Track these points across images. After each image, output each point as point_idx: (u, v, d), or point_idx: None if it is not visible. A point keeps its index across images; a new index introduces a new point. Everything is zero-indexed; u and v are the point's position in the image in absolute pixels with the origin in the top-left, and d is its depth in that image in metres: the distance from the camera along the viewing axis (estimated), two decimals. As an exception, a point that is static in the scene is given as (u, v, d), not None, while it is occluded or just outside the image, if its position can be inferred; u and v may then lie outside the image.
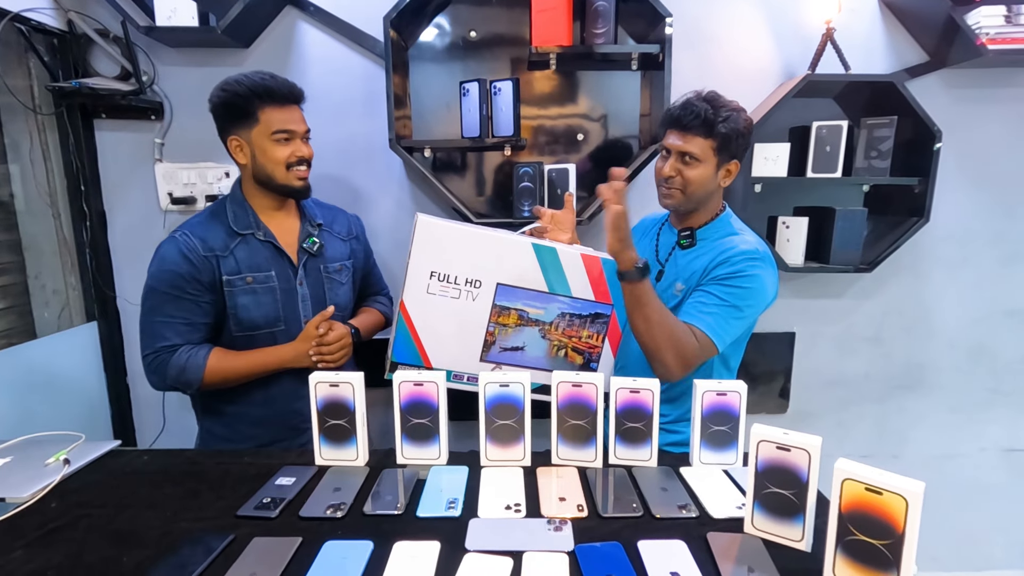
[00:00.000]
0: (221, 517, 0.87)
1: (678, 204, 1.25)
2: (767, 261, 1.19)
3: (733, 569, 0.74)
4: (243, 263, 1.24)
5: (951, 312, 1.94)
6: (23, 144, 1.68)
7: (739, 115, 1.18)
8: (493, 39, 1.76)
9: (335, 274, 1.37)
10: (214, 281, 1.22)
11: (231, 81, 1.21)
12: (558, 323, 1.21)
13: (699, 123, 1.16)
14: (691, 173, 1.19)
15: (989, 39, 1.58)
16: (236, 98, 1.20)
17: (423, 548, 0.78)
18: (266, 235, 1.27)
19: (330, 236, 1.38)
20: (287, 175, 1.24)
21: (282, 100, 1.22)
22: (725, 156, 1.19)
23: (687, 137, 1.18)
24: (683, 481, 0.97)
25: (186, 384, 1.22)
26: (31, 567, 0.76)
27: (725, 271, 1.17)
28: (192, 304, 1.22)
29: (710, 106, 1.16)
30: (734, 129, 1.16)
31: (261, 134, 1.21)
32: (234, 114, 1.21)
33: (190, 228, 1.24)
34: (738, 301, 1.15)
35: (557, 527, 0.83)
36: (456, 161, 1.84)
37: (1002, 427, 2.01)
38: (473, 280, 1.16)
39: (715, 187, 1.23)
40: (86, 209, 1.74)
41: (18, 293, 1.73)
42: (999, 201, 1.86)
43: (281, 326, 1.28)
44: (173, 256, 1.20)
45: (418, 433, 1.02)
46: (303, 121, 1.27)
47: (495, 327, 1.19)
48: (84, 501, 0.92)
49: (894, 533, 0.66)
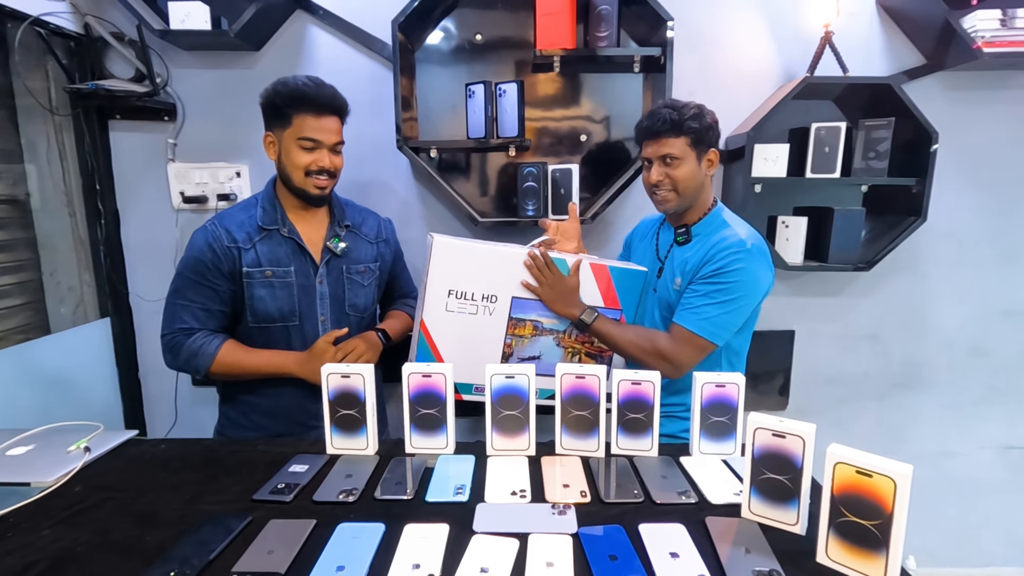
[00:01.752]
0: (238, 500, 0.91)
1: (675, 206, 1.30)
2: (756, 251, 1.23)
3: (730, 551, 0.77)
4: (264, 257, 1.28)
5: (948, 311, 1.97)
6: (40, 144, 1.72)
7: (702, 110, 1.27)
8: (498, 42, 1.80)
9: (357, 276, 1.39)
10: (234, 271, 1.27)
11: (280, 81, 1.26)
12: (571, 330, 1.26)
13: (669, 126, 1.24)
14: (677, 172, 1.26)
15: (985, 42, 1.61)
16: (276, 97, 1.24)
17: (432, 530, 0.81)
18: (290, 232, 1.31)
19: (357, 238, 1.41)
20: (304, 181, 1.27)
21: (318, 109, 1.25)
22: (702, 148, 1.27)
23: (662, 141, 1.26)
24: (683, 469, 1.00)
25: (195, 369, 1.27)
26: (60, 544, 0.80)
27: (709, 269, 1.23)
28: (211, 291, 1.27)
29: (673, 109, 1.25)
30: (702, 122, 1.25)
31: (290, 137, 1.25)
32: (272, 112, 1.26)
33: (220, 219, 1.30)
34: (724, 296, 1.20)
35: (561, 511, 0.86)
36: (461, 162, 1.88)
37: (999, 425, 2.03)
38: (489, 295, 1.20)
39: (703, 179, 1.29)
40: (101, 208, 1.78)
41: (34, 290, 1.77)
42: (995, 201, 1.89)
43: (295, 321, 1.32)
44: (199, 244, 1.26)
45: (426, 423, 1.06)
46: (336, 133, 1.28)
47: (512, 339, 1.23)
48: (106, 485, 0.96)
49: (883, 514, 0.69)
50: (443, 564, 0.74)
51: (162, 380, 1.91)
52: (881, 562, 0.70)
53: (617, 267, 1.25)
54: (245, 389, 1.34)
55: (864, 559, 0.71)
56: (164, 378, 1.90)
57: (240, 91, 1.78)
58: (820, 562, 0.75)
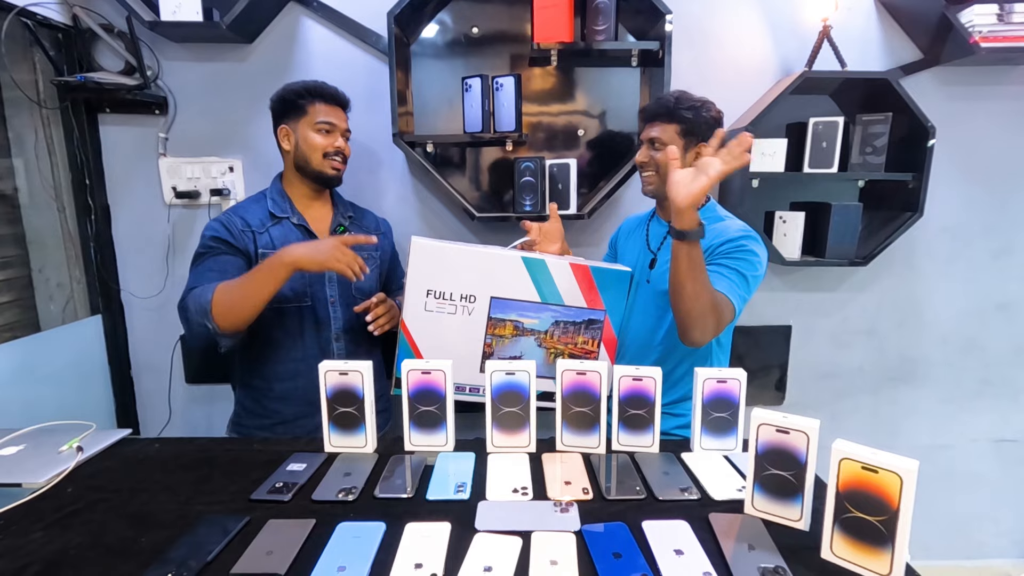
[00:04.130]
0: (235, 501, 0.89)
1: (656, 189, 1.32)
2: (759, 240, 1.27)
3: (734, 547, 0.76)
4: (277, 240, 1.35)
5: (943, 305, 1.98)
6: (28, 138, 1.69)
7: (705, 103, 1.27)
8: (494, 35, 1.78)
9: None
10: (249, 251, 1.33)
11: (289, 83, 1.41)
12: (553, 331, 1.24)
13: (663, 111, 1.27)
14: (661, 157, 1.27)
15: (982, 37, 1.61)
16: (291, 93, 1.37)
17: (434, 528, 0.80)
18: (300, 220, 1.40)
19: (359, 229, 1.50)
20: (323, 162, 1.38)
21: (329, 100, 1.39)
22: (692, 139, 1.27)
23: (654, 125, 1.29)
24: (684, 466, 0.99)
25: (202, 313, 1.20)
26: (52, 547, 0.78)
27: (729, 247, 1.24)
28: (228, 257, 1.31)
29: (675, 98, 1.27)
30: (697, 114, 1.25)
31: (306, 124, 1.37)
32: (287, 107, 1.38)
33: (233, 210, 1.39)
34: (745, 270, 1.21)
35: (564, 508, 0.85)
36: (457, 157, 1.86)
37: (992, 418, 2.05)
38: (468, 295, 1.20)
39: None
40: (91, 203, 1.75)
41: (22, 287, 1.74)
42: (991, 196, 1.90)
43: (307, 302, 1.37)
44: (214, 226, 1.34)
45: (425, 420, 1.04)
46: (345, 121, 1.44)
47: (492, 339, 1.22)
48: (99, 486, 0.94)
49: (889, 509, 0.69)
50: (446, 563, 0.73)
51: (155, 378, 1.89)
52: (887, 558, 0.69)
53: (599, 267, 1.24)
54: (256, 372, 1.39)
55: (869, 555, 0.71)
56: (157, 376, 1.88)
57: (233, 84, 1.75)
58: (825, 558, 0.74)
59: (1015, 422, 2.05)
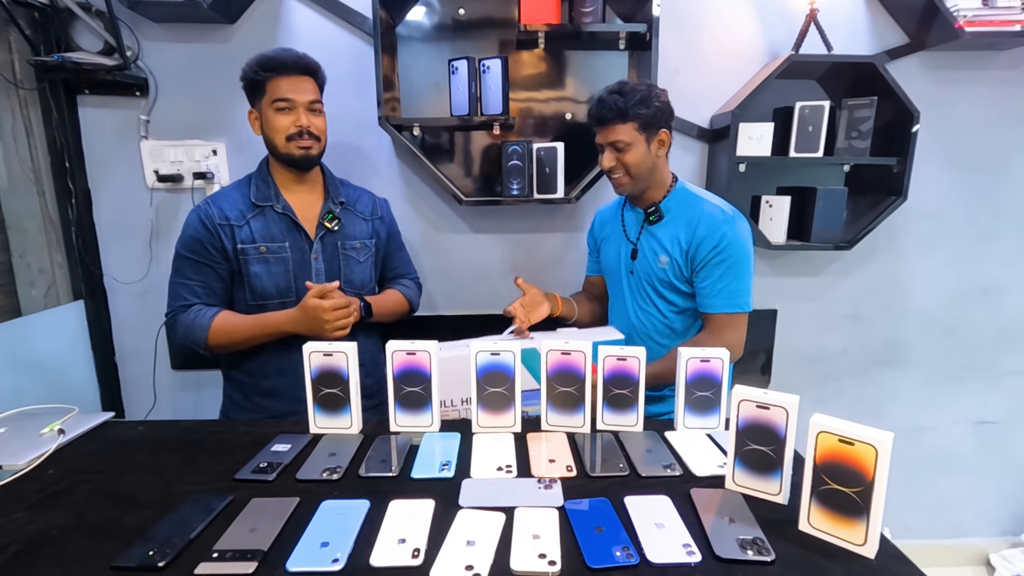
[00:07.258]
0: (219, 481, 0.89)
1: (631, 189, 1.34)
2: (735, 215, 1.29)
3: (714, 520, 0.78)
4: (258, 233, 1.30)
5: (926, 290, 2.00)
6: (5, 120, 1.65)
7: (651, 91, 1.27)
8: (482, 18, 1.76)
9: (353, 252, 1.40)
10: (229, 248, 1.28)
11: (252, 57, 1.29)
12: None
13: (615, 114, 1.26)
14: (627, 158, 1.29)
15: (967, 22, 1.62)
16: (248, 71, 1.28)
17: (418, 505, 0.81)
18: (284, 208, 1.33)
19: (352, 215, 1.43)
20: (287, 145, 1.29)
21: (287, 70, 1.27)
22: (651, 131, 1.28)
23: (610, 128, 1.28)
24: (668, 444, 1.01)
25: (194, 343, 1.27)
26: (34, 527, 0.77)
27: (707, 251, 1.26)
28: (209, 269, 1.28)
29: (619, 95, 1.25)
30: (648, 106, 1.25)
31: (267, 104, 1.29)
32: (250, 88, 1.30)
33: (213, 198, 1.33)
34: (735, 268, 1.24)
35: (547, 485, 0.86)
36: (445, 141, 1.85)
37: (973, 401, 2.09)
38: (466, 398, 1.14)
39: (654, 160, 1.31)
40: (71, 187, 1.72)
41: (3, 272, 1.72)
42: (974, 181, 1.92)
43: (293, 297, 1.32)
44: (194, 222, 1.28)
45: (411, 401, 1.05)
46: (310, 92, 1.30)
47: None
48: (82, 467, 0.94)
49: (864, 480, 0.70)
50: (429, 538, 0.73)
51: (140, 364, 1.87)
52: (862, 528, 0.71)
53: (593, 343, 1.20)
54: (244, 369, 1.35)
55: (845, 526, 0.72)
56: (142, 362, 1.87)
57: (215, 66, 1.72)
58: (802, 530, 0.76)
59: (995, 405, 2.09)
